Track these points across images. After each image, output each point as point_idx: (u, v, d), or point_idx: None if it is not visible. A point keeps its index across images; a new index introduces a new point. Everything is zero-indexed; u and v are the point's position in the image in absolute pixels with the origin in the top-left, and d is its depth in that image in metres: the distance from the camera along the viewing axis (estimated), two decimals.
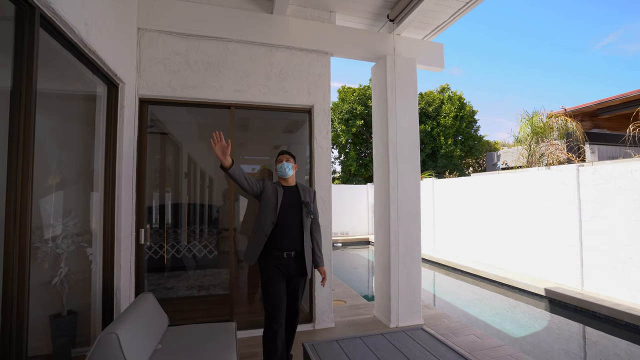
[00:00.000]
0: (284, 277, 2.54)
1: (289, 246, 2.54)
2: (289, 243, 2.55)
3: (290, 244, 2.55)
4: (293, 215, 2.60)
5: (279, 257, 2.52)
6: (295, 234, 2.57)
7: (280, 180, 2.73)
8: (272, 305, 2.46)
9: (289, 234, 2.56)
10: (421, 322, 3.79)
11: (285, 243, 2.54)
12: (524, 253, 6.75)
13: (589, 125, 10.80)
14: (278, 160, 2.74)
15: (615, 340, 4.33)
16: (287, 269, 2.53)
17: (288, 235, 2.55)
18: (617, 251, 5.12)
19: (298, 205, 2.62)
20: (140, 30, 3.19)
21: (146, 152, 3.26)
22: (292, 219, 2.59)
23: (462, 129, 16.02)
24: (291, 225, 2.58)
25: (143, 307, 2.29)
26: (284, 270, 2.52)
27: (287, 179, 2.69)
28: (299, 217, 2.60)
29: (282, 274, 2.52)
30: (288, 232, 2.55)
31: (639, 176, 4.84)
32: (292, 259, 2.55)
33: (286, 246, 2.54)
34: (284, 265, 2.52)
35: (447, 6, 3.74)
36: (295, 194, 2.68)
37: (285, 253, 2.52)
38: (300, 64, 3.68)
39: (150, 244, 3.93)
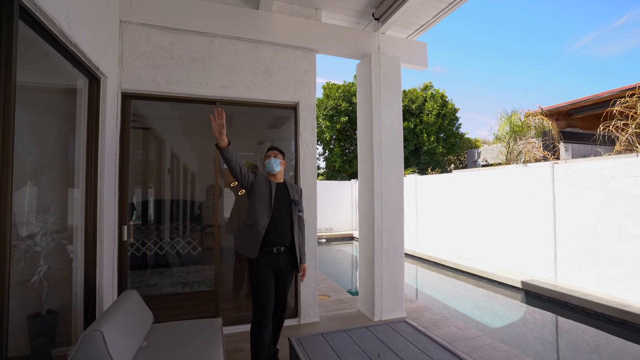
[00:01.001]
0: (273, 271, 2.56)
1: (278, 242, 2.56)
2: (279, 238, 2.56)
3: (280, 240, 2.57)
4: (283, 211, 2.62)
5: (268, 252, 2.52)
6: (286, 230, 2.60)
7: (268, 175, 2.73)
8: (261, 300, 2.47)
9: (280, 229, 2.57)
10: (404, 315, 3.89)
11: (275, 238, 2.55)
12: (502, 247, 7.00)
13: (564, 125, 11.23)
14: (267, 155, 2.74)
15: (584, 328, 4.58)
16: (277, 264, 2.55)
17: (278, 231, 2.57)
18: (588, 245, 5.38)
19: (288, 202, 2.65)
20: (122, 23, 3.12)
21: (129, 148, 3.20)
22: (283, 215, 2.61)
23: (445, 127, 16.35)
24: (282, 221, 2.59)
25: (127, 305, 2.27)
26: (273, 265, 2.54)
27: (275, 174, 2.70)
28: (289, 213, 2.63)
29: (271, 268, 2.54)
30: (279, 227, 2.57)
31: (608, 173, 5.09)
32: (281, 254, 2.58)
33: (276, 242, 2.55)
34: (273, 260, 2.54)
35: (431, 6, 3.82)
36: (285, 191, 2.70)
37: (275, 248, 2.54)
38: (286, 60, 3.69)
39: (132, 241, 3.87)
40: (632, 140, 5.73)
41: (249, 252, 2.51)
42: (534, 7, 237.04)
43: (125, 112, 3.17)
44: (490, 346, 3.17)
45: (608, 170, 5.10)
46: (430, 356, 2.33)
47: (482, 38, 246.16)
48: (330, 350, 2.39)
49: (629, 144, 5.75)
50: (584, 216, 5.45)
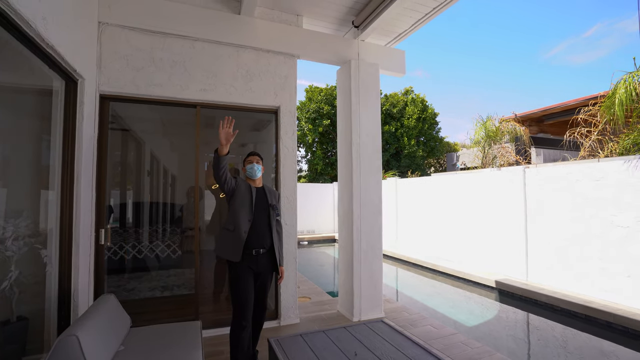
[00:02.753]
0: (253, 273, 2.61)
1: (257, 244, 2.61)
2: (258, 242, 2.62)
3: (259, 243, 2.62)
4: (262, 215, 2.69)
5: (248, 254, 2.57)
6: (265, 233, 2.67)
7: (248, 180, 2.78)
8: (241, 302, 2.52)
9: (259, 233, 2.63)
10: (382, 316, 3.99)
11: (255, 241, 2.60)
12: (478, 248, 7.25)
13: (536, 130, 11.73)
14: (248, 160, 2.78)
15: (553, 324, 4.82)
16: (257, 266, 2.61)
17: (258, 235, 2.62)
18: (556, 245, 5.66)
19: (266, 206, 2.72)
20: (101, 24, 3.09)
21: (107, 150, 3.16)
22: (262, 219, 2.68)
23: (425, 131, 16.73)
24: (261, 225, 2.66)
25: (104, 309, 2.25)
26: (253, 266, 2.59)
27: (255, 180, 2.76)
28: (267, 217, 2.70)
29: (251, 270, 2.59)
30: (258, 231, 2.63)
31: (573, 177, 5.39)
32: (260, 256, 2.63)
33: (255, 244, 2.60)
34: (253, 262, 2.59)
35: (408, 16, 3.96)
36: (263, 195, 2.75)
37: (254, 251, 2.59)
38: (267, 65, 3.74)
39: (109, 244, 3.80)
40: (594, 147, 6.08)
41: (232, 255, 2.54)
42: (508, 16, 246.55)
43: (104, 114, 3.13)
44: (464, 343, 3.30)
45: (573, 175, 5.39)
46: (405, 354, 2.42)
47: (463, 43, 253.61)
48: (309, 350, 2.44)
49: (592, 150, 6.10)
50: (553, 218, 5.74)
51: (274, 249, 2.71)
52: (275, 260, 2.71)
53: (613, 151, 5.71)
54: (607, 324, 4.46)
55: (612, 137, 5.91)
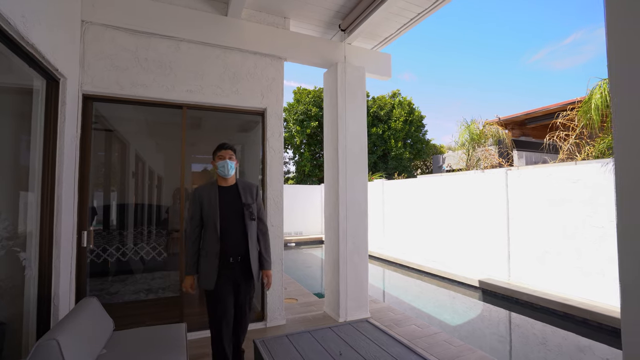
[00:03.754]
0: (232, 283, 2.42)
1: (233, 251, 2.39)
2: (233, 248, 2.39)
3: (235, 249, 2.39)
4: (235, 218, 2.41)
5: (224, 261, 2.38)
6: (240, 238, 2.41)
7: (219, 178, 2.49)
8: (219, 323, 2.37)
9: (233, 238, 2.39)
10: (368, 316, 4.03)
11: (230, 248, 2.38)
12: (463, 248, 7.39)
13: (519, 133, 12.05)
14: (219, 156, 2.45)
15: (532, 322, 4.96)
16: (234, 275, 2.40)
17: (232, 241, 2.39)
18: (536, 245, 5.83)
19: (239, 207, 2.44)
20: (84, 23, 3.05)
21: (90, 151, 3.12)
22: (234, 223, 2.41)
23: (411, 133, 16.96)
24: (233, 230, 2.40)
25: (85, 312, 2.22)
26: (230, 276, 2.40)
27: (227, 178, 2.48)
28: (241, 220, 2.42)
29: (229, 281, 2.40)
30: (231, 237, 2.39)
31: (552, 180, 5.57)
32: (237, 264, 2.41)
33: (231, 251, 2.39)
34: (229, 269, 2.39)
35: (394, 21, 4.03)
36: (235, 194, 2.46)
37: (231, 258, 2.38)
38: (254, 67, 3.74)
39: (92, 247, 3.74)
40: (572, 150, 6.30)
41: (206, 284, 2.37)
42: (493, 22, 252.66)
43: (87, 114, 3.09)
44: (447, 341, 3.37)
45: (552, 177, 5.57)
46: (389, 352, 2.47)
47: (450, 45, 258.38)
48: (294, 350, 2.46)
49: (570, 153, 6.32)
50: (533, 219, 5.90)
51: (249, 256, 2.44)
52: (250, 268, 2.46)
53: (590, 154, 5.92)
54: (583, 321, 4.62)
55: (588, 141, 6.14)
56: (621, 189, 1.07)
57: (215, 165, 2.44)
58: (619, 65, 1.10)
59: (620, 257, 1.07)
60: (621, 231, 1.07)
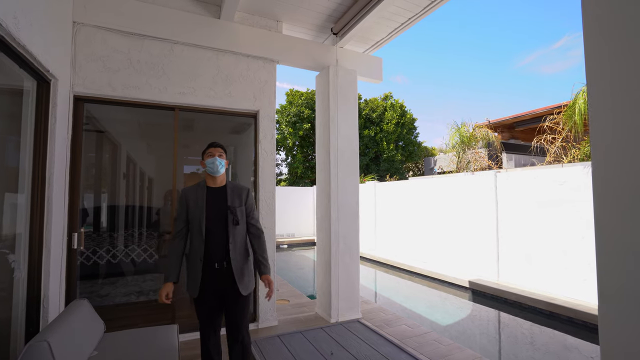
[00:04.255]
0: (217, 292, 2.24)
1: (218, 257, 2.22)
2: (218, 253, 2.21)
3: (219, 255, 2.22)
4: (219, 221, 2.24)
5: (209, 267, 2.21)
6: (224, 243, 2.23)
7: (208, 178, 2.33)
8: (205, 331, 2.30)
9: (218, 243, 2.22)
10: (360, 316, 4.07)
11: (215, 253, 2.21)
12: (453, 249, 7.49)
13: (508, 136, 12.26)
14: (208, 153, 2.31)
15: (521, 321, 5.05)
16: (220, 282, 2.22)
17: (217, 245, 2.22)
18: (524, 246, 5.95)
19: (225, 209, 2.26)
20: (76, 24, 3.04)
21: (81, 152, 3.10)
22: (219, 227, 2.23)
23: (403, 135, 17.12)
24: (218, 234, 2.23)
25: (76, 314, 2.22)
26: (215, 283, 2.22)
27: (216, 177, 2.30)
28: (224, 224, 2.24)
29: (214, 289, 2.22)
30: (216, 241, 2.22)
31: (540, 182, 5.69)
32: (223, 271, 2.22)
33: (216, 257, 2.21)
34: (215, 276, 2.21)
35: (385, 25, 4.09)
36: (223, 196, 2.29)
37: (216, 263, 2.20)
38: (247, 69, 3.77)
39: (82, 249, 3.71)
40: (559, 153, 6.45)
41: (191, 290, 2.24)
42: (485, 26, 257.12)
43: (78, 115, 3.08)
44: (436, 341, 3.43)
45: (539, 179, 5.69)
46: (380, 352, 2.51)
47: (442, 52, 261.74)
48: (285, 350, 2.48)
49: (557, 156, 6.47)
50: (521, 220, 6.02)
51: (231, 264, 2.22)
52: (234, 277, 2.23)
53: (575, 157, 6.07)
54: (569, 320, 4.73)
55: (574, 144, 6.29)
56: (597, 191, 1.13)
57: (204, 164, 2.30)
58: (594, 74, 1.16)
59: (598, 257, 1.13)
60: (598, 231, 1.13)
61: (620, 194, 1.07)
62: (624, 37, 1.07)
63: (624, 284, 1.05)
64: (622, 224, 1.07)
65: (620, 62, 1.08)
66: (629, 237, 1.05)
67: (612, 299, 1.10)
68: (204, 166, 2.30)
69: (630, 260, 1.04)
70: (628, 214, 1.05)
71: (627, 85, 1.05)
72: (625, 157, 1.05)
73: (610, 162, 1.10)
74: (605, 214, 1.12)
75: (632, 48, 1.05)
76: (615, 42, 1.09)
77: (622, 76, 1.07)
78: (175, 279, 2.24)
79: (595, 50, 1.15)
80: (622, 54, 1.07)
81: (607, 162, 1.11)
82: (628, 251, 1.05)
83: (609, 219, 1.11)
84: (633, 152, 1.03)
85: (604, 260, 1.12)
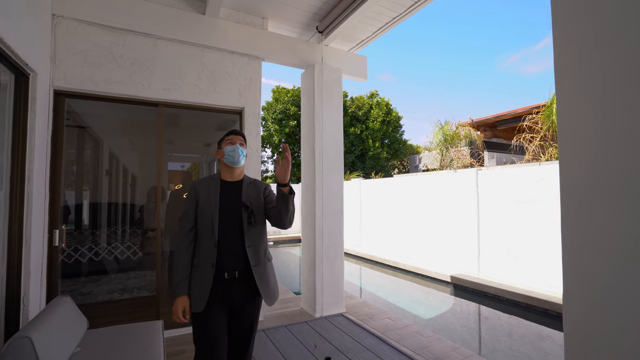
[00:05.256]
0: (226, 307, 1.83)
1: (230, 264, 1.81)
2: (230, 260, 1.82)
3: (232, 262, 1.82)
4: (232, 221, 1.86)
5: (219, 276, 1.80)
6: (238, 248, 1.84)
7: (224, 170, 1.97)
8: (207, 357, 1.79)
9: (229, 247, 1.83)
10: (344, 311, 4.15)
11: (227, 260, 1.82)
12: (436, 245, 7.67)
13: (490, 135, 12.57)
14: (228, 140, 1.96)
15: (500, 314, 5.24)
16: (230, 297, 1.81)
17: (230, 250, 1.83)
18: (504, 241, 6.15)
19: (237, 207, 1.88)
20: (55, 17, 2.98)
21: (62, 148, 3.06)
22: (232, 227, 1.85)
23: (389, 133, 17.30)
24: (230, 236, 1.84)
25: (59, 310, 2.20)
26: (224, 297, 1.81)
27: (234, 170, 1.96)
28: (239, 224, 1.86)
29: (223, 304, 1.82)
30: (229, 244, 1.83)
31: (519, 179, 5.89)
32: (235, 282, 1.82)
33: (228, 264, 1.81)
34: (223, 288, 1.80)
35: (370, 24, 4.15)
36: (237, 192, 1.93)
37: (226, 273, 1.80)
38: (232, 66, 3.77)
39: (63, 246, 3.65)
40: (537, 151, 6.68)
41: (195, 304, 1.79)
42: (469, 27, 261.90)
43: (59, 110, 3.03)
44: (418, 333, 3.53)
45: (519, 177, 5.89)
46: (362, 344, 2.59)
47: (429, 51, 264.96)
48: (270, 344, 2.53)
49: (535, 154, 6.70)
50: (501, 216, 6.22)
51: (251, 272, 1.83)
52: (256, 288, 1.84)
53: (552, 155, 6.30)
54: (544, 311, 4.94)
55: (551, 143, 6.53)
56: (564, 187, 1.22)
57: (222, 152, 1.94)
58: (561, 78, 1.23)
59: (564, 251, 1.21)
60: (564, 226, 1.22)
61: (584, 193, 1.16)
62: (588, 44, 1.15)
63: (586, 276, 1.14)
64: (584, 221, 1.15)
65: (583, 68, 1.16)
66: (590, 234, 1.13)
67: (575, 290, 1.18)
68: (221, 156, 1.95)
69: (591, 255, 1.13)
70: (587, 211, 1.14)
71: (591, 88, 1.13)
72: (590, 157, 1.13)
73: (574, 162, 1.18)
74: (570, 212, 1.20)
75: (594, 56, 1.13)
76: (580, 48, 1.17)
77: (585, 81, 1.15)
78: (187, 290, 1.82)
79: (562, 56, 1.22)
80: (586, 60, 1.15)
81: (572, 162, 1.18)
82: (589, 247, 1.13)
83: (572, 216, 1.19)
84: (596, 153, 1.12)
85: (569, 256, 1.21)
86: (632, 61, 1.02)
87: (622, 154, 1.03)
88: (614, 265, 1.06)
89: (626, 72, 1.03)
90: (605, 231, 1.08)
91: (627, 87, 1.03)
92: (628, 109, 1.03)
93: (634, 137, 1.01)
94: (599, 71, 1.10)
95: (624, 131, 1.03)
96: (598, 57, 1.11)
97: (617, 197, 1.05)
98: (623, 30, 1.05)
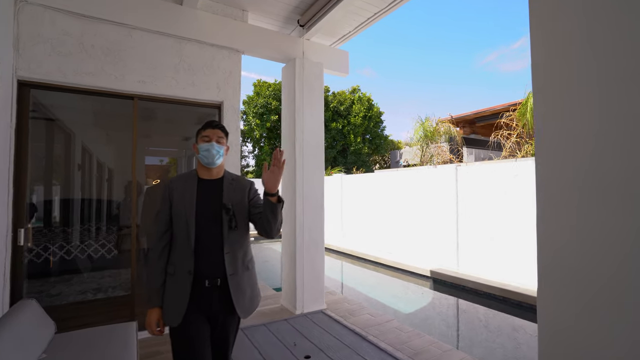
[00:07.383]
0: (206, 318, 1.68)
1: (210, 271, 1.64)
2: (210, 267, 1.64)
3: (211, 269, 1.64)
4: (210, 224, 1.67)
5: (198, 285, 1.63)
6: (218, 253, 1.65)
7: (202, 168, 1.76)
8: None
9: (208, 253, 1.65)
10: (324, 307, 4.15)
11: (206, 267, 1.64)
12: (416, 240, 7.79)
13: (469, 131, 12.84)
14: (203, 136, 1.73)
15: (477, 307, 5.39)
16: (210, 305, 1.64)
17: (209, 256, 1.65)
18: (482, 236, 6.31)
19: (218, 208, 1.69)
20: (18, 1, 2.80)
21: (28, 141, 2.89)
22: (210, 231, 1.67)
23: (370, 129, 17.41)
24: (209, 241, 1.66)
25: (22, 315, 2.09)
26: (205, 307, 1.64)
27: (212, 169, 1.76)
28: (218, 227, 1.67)
29: (203, 314, 1.66)
30: (209, 250, 1.65)
31: (497, 175, 6.04)
32: (216, 290, 1.65)
33: (207, 271, 1.64)
34: (204, 297, 1.63)
35: (352, 19, 4.12)
36: (217, 192, 1.73)
37: (207, 280, 1.63)
38: (211, 59, 3.66)
39: (31, 245, 3.47)
40: (514, 148, 6.88)
41: (171, 317, 1.62)
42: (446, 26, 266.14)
43: (23, 102, 2.85)
44: (398, 328, 3.57)
45: (496, 172, 6.04)
46: (342, 341, 2.59)
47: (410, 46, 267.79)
48: (249, 343, 2.50)
49: (512, 151, 6.90)
50: (479, 211, 6.37)
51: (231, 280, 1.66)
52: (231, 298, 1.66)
53: (528, 152, 6.49)
54: (518, 304, 5.11)
55: (527, 140, 6.72)
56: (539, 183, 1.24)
57: (197, 149, 1.73)
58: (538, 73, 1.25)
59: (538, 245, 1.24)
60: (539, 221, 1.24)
61: (559, 188, 1.18)
62: (564, 43, 1.17)
63: (559, 270, 1.17)
64: (559, 216, 1.18)
65: (559, 66, 1.17)
66: (564, 229, 1.16)
67: (549, 282, 1.21)
68: (197, 152, 1.73)
69: (564, 249, 1.16)
70: (562, 206, 1.16)
71: (566, 87, 1.15)
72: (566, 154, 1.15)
73: (550, 159, 1.20)
74: (545, 207, 1.23)
75: (568, 58, 1.15)
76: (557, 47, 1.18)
77: (561, 79, 1.17)
78: (161, 302, 1.66)
79: (539, 55, 1.24)
80: (562, 59, 1.17)
81: (548, 159, 1.21)
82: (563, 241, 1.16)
83: (547, 211, 1.22)
84: (570, 150, 1.14)
85: (543, 250, 1.24)
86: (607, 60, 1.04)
87: (595, 150, 1.07)
88: (585, 258, 1.09)
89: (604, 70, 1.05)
90: (578, 226, 1.11)
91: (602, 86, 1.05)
92: (601, 106, 1.05)
93: (606, 134, 1.04)
94: (575, 70, 1.12)
95: (596, 128, 1.06)
96: (573, 57, 1.13)
97: (589, 193, 1.08)
98: (599, 29, 1.07)
